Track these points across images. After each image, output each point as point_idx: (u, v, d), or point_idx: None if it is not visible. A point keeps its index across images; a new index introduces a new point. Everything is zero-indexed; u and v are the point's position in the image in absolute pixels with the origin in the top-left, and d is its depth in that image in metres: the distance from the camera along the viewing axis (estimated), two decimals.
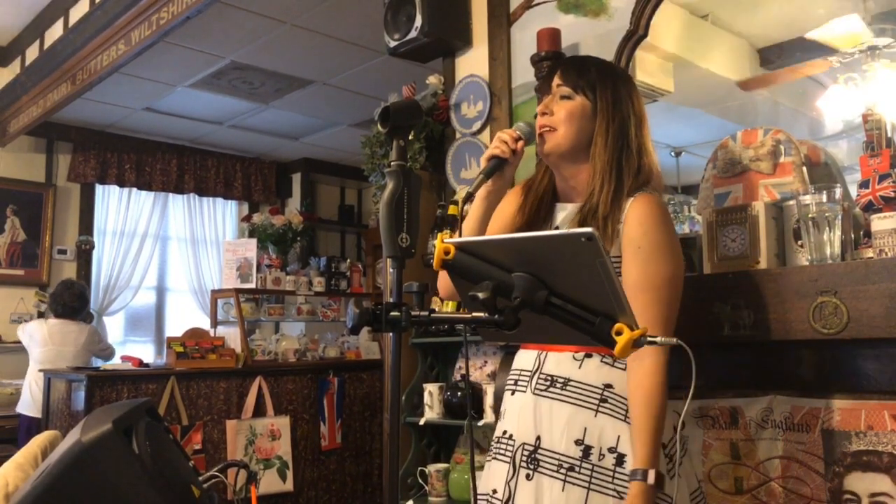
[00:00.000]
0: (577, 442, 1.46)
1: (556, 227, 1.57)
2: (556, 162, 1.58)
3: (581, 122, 1.53)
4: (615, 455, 1.43)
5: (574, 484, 1.43)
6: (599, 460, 1.44)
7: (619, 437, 1.44)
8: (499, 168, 1.54)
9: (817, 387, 1.72)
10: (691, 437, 1.87)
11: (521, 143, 1.54)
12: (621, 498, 1.41)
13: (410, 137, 3.00)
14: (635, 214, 1.46)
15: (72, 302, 4.74)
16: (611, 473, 1.43)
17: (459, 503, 2.58)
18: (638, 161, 1.52)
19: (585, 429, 1.46)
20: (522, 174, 1.90)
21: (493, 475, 1.57)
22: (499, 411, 1.68)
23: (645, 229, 1.45)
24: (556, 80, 1.58)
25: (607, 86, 1.55)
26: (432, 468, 2.70)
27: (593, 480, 1.43)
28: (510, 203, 1.65)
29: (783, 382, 1.79)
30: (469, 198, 1.50)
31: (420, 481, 2.77)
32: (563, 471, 1.45)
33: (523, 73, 2.79)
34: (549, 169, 1.64)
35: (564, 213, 1.59)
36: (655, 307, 1.43)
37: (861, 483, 1.61)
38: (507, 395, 1.63)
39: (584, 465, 1.44)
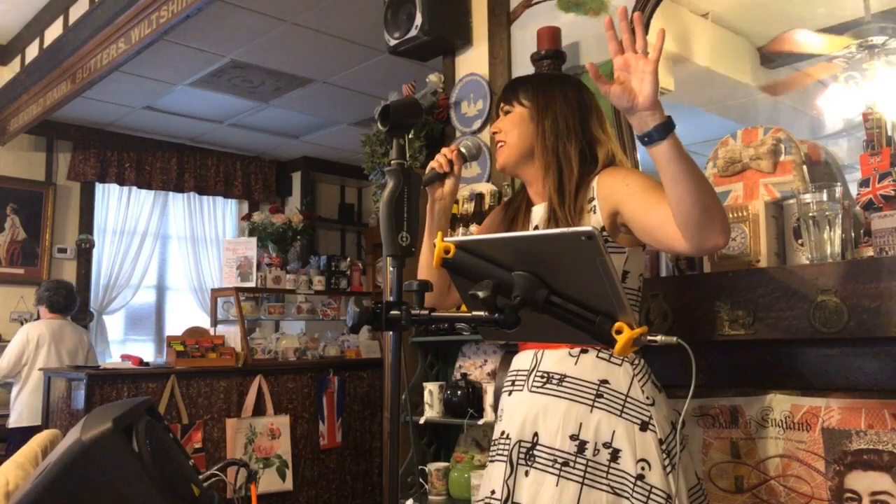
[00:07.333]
0: (573, 437, 1.46)
1: (536, 227, 1.64)
2: (514, 171, 1.68)
3: (522, 127, 1.63)
4: (610, 450, 1.44)
5: (568, 479, 1.44)
6: (594, 455, 1.44)
7: (613, 432, 1.45)
8: (437, 179, 1.62)
9: (818, 386, 1.72)
10: (692, 435, 1.87)
11: (455, 154, 1.61)
12: (615, 493, 1.42)
13: (410, 136, 3.00)
14: (606, 183, 1.52)
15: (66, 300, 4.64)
16: (605, 469, 1.43)
17: (459, 502, 2.58)
18: (587, 148, 1.60)
19: (581, 424, 1.47)
20: None
21: (491, 477, 1.58)
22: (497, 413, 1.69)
23: (620, 179, 1.50)
24: (500, 103, 1.70)
25: (540, 91, 1.64)
26: (432, 467, 2.70)
27: (587, 475, 1.43)
28: (494, 217, 1.79)
29: (783, 381, 1.79)
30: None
31: (420, 480, 2.77)
32: (557, 465, 1.46)
33: (523, 72, 2.78)
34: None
35: (538, 213, 1.66)
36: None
37: (862, 482, 1.61)
38: (504, 396, 1.64)
39: (578, 460, 1.45)
